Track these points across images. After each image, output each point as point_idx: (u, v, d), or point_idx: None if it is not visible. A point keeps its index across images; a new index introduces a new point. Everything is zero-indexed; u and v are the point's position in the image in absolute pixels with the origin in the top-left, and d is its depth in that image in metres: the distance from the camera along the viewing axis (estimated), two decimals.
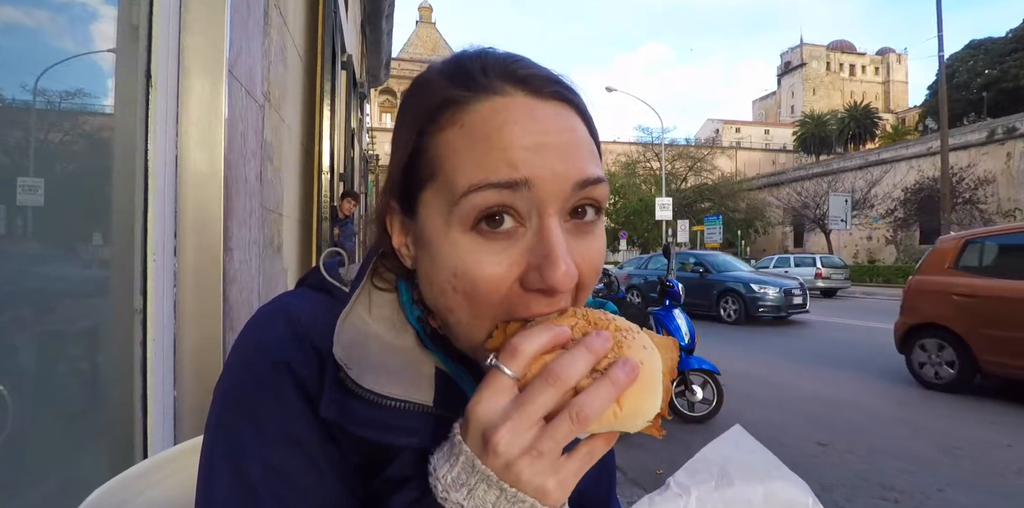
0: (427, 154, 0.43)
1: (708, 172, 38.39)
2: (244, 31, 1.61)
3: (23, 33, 1.13)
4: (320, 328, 0.45)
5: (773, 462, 0.54)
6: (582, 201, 0.43)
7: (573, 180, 0.41)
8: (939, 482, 3.15)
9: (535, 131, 0.40)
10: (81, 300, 1.36)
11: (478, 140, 0.40)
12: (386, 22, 9.22)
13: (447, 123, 0.42)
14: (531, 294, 0.41)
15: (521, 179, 0.39)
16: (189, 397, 1.32)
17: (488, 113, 0.41)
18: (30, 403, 1.12)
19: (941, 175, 17.56)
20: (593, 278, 0.45)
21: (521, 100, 0.42)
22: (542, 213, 0.41)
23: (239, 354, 0.46)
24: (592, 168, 0.43)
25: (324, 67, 3.35)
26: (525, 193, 0.40)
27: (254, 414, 0.43)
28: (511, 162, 0.40)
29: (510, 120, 0.41)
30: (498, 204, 0.40)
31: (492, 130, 0.40)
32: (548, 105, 0.42)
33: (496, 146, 0.40)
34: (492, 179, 0.39)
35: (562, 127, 0.42)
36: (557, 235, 0.41)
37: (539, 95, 0.42)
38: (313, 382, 0.44)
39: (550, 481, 0.36)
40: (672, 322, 4.28)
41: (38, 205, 1.11)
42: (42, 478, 1.13)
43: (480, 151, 0.40)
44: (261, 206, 1.93)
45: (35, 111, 1.19)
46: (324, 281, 0.52)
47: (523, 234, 0.41)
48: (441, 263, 0.43)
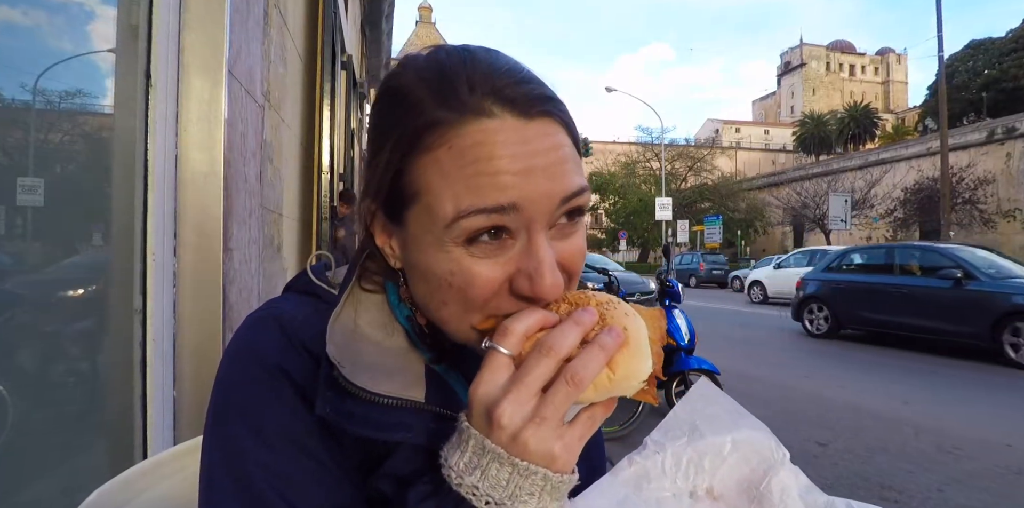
0: (413, 174, 0.43)
1: (708, 172, 38.42)
2: (244, 31, 1.61)
3: (23, 33, 1.13)
4: (310, 330, 0.46)
5: (739, 411, 0.58)
6: (567, 211, 0.44)
7: (559, 197, 0.42)
8: (939, 482, 3.15)
9: (524, 154, 0.41)
10: (81, 300, 1.36)
11: (466, 164, 0.41)
12: (386, 22, 9.23)
13: (434, 145, 0.42)
14: (518, 299, 0.43)
15: (510, 204, 0.40)
16: (189, 397, 1.32)
17: (478, 137, 0.41)
18: (30, 403, 1.12)
19: (941, 175, 17.57)
20: (577, 271, 0.47)
21: (510, 122, 0.41)
22: (530, 230, 0.42)
23: (233, 360, 0.47)
24: (576, 180, 0.44)
25: (324, 67, 3.35)
26: (514, 215, 0.41)
27: (252, 418, 0.44)
28: (500, 188, 0.40)
29: (499, 144, 0.41)
30: (488, 225, 0.41)
31: (482, 155, 0.40)
32: (536, 125, 0.42)
33: (485, 172, 0.40)
34: (481, 205, 0.40)
35: (549, 147, 0.42)
36: (544, 249, 0.42)
37: (527, 116, 0.42)
38: (308, 384, 0.44)
39: (556, 446, 0.38)
40: (672, 322, 4.29)
41: (38, 205, 1.11)
42: (42, 478, 1.13)
43: (468, 175, 0.40)
44: (261, 206, 1.93)
45: (35, 111, 1.19)
46: (311, 284, 0.52)
47: (512, 245, 0.43)
48: (436, 267, 0.44)
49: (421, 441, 0.43)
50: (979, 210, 23.71)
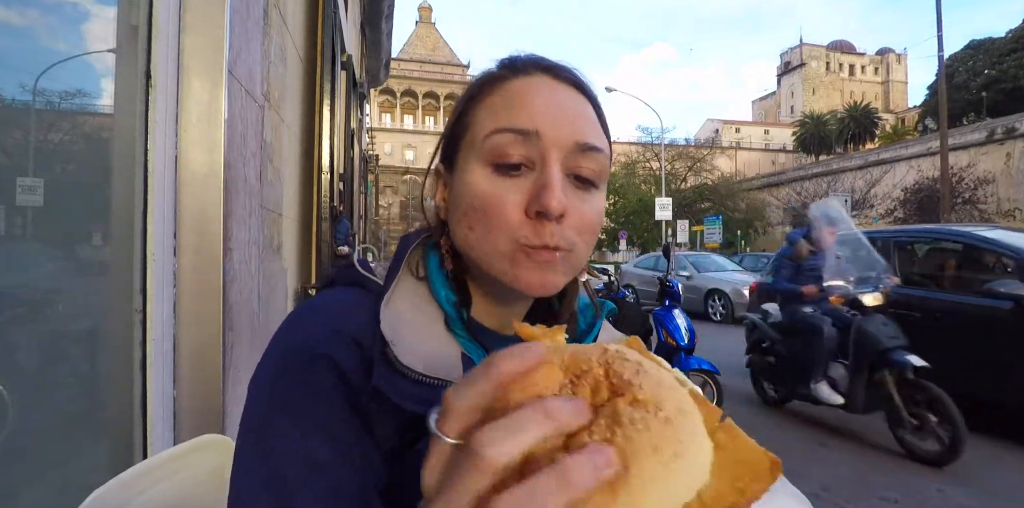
0: (469, 114, 0.54)
1: (708, 172, 38.39)
2: (244, 31, 1.61)
3: (23, 33, 1.13)
4: (357, 319, 0.49)
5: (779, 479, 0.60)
6: (582, 163, 0.51)
7: (575, 139, 0.50)
8: (939, 482, 3.16)
9: (551, 101, 0.51)
10: (81, 300, 1.36)
11: (507, 102, 0.52)
12: (386, 22, 9.23)
13: (488, 92, 0.53)
14: (533, 221, 0.49)
15: (533, 129, 0.49)
16: (189, 397, 1.32)
17: (520, 87, 0.52)
18: (30, 403, 1.12)
19: (941, 175, 17.56)
20: (587, 234, 0.52)
21: (545, 80, 0.53)
22: (546, 158, 0.50)
23: (278, 350, 0.48)
24: (593, 138, 0.51)
25: (324, 67, 3.35)
26: (535, 141, 0.49)
27: (292, 408, 0.45)
28: (529, 117, 0.50)
29: (533, 91, 0.52)
30: (514, 151, 0.49)
31: (519, 96, 0.51)
32: (565, 87, 0.53)
33: (519, 105, 0.51)
34: (509, 125, 0.50)
35: (573, 104, 0.52)
36: (556, 173, 0.49)
37: (559, 79, 0.53)
38: (354, 373, 0.46)
39: None
40: (672, 322, 4.28)
41: (38, 205, 1.11)
42: (42, 478, 1.13)
43: (507, 109, 0.51)
44: (261, 206, 1.93)
45: (35, 111, 1.19)
46: (359, 276, 0.56)
47: (530, 174, 0.50)
48: (466, 191, 0.51)
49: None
50: (979, 210, 23.68)
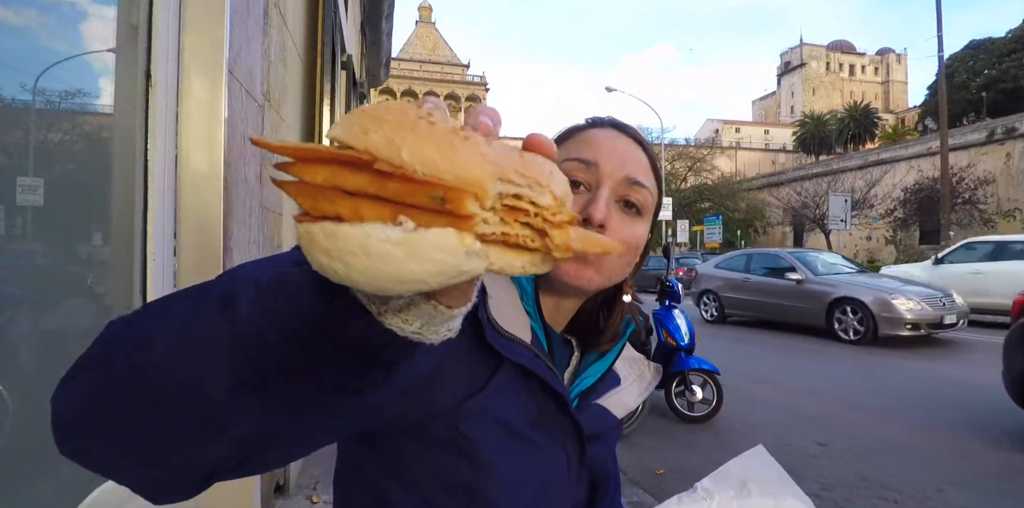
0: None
1: (708, 172, 38.41)
2: (244, 31, 1.61)
3: (23, 33, 1.13)
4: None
5: (786, 479, 0.64)
6: (628, 193, 0.65)
7: (625, 173, 0.64)
8: (939, 482, 3.15)
9: (613, 145, 0.66)
10: (81, 300, 1.36)
11: (580, 144, 0.67)
12: (386, 22, 9.22)
13: (571, 136, 0.69)
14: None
15: (594, 161, 0.64)
16: None
17: (593, 133, 0.68)
18: (30, 403, 1.12)
19: (941, 175, 17.56)
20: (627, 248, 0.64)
21: (612, 131, 0.69)
22: (600, 185, 0.64)
23: None
24: (642, 176, 0.65)
25: (324, 67, 3.34)
26: (594, 170, 0.64)
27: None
28: (593, 153, 0.65)
29: (601, 137, 0.67)
30: (577, 174, 0.63)
31: (591, 139, 0.67)
32: (627, 139, 0.68)
33: (589, 145, 0.66)
34: (575, 156, 0.65)
35: (630, 149, 0.67)
36: (604, 193, 0.63)
37: (623, 132, 0.69)
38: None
39: None
40: (672, 322, 4.29)
41: (38, 205, 1.11)
42: (42, 478, 1.13)
43: (579, 147, 0.66)
44: (261, 206, 1.93)
45: (35, 111, 1.19)
46: None
47: (586, 194, 0.64)
48: None
49: (527, 365, 0.58)
50: (979, 210, 23.65)
